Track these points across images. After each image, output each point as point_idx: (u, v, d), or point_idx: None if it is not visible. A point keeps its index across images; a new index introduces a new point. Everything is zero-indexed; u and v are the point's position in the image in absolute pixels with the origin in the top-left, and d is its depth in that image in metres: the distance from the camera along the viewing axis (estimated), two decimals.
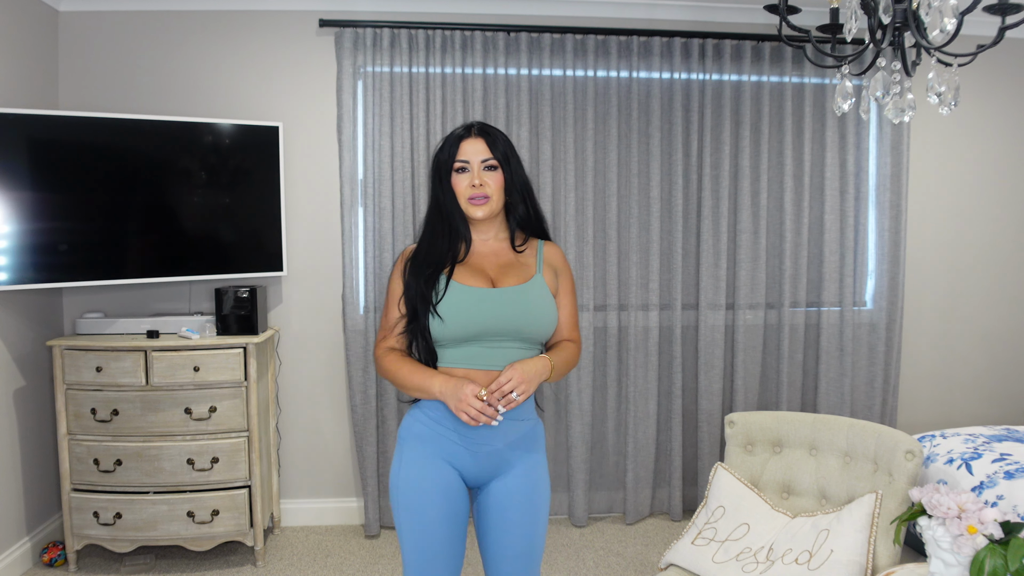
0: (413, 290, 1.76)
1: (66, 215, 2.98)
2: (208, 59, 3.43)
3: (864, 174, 3.65)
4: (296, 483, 3.61)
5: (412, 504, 1.75)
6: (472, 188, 1.76)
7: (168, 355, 3.01)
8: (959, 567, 1.72)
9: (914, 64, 2.22)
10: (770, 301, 3.68)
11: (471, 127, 1.80)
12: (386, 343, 1.83)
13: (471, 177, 1.76)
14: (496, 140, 1.79)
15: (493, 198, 1.77)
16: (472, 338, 1.73)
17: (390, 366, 1.79)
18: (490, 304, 1.74)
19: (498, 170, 1.78)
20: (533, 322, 1.76)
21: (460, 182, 1.78)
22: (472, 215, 1.78)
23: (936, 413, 3.94)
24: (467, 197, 1.77)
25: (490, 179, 1.77)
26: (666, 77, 3.52)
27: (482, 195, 1.76)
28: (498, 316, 1.73)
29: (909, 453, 2.10)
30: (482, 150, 1.77)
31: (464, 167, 1.77)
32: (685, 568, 2.24)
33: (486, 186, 1.76)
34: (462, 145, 1.78)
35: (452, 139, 1.80)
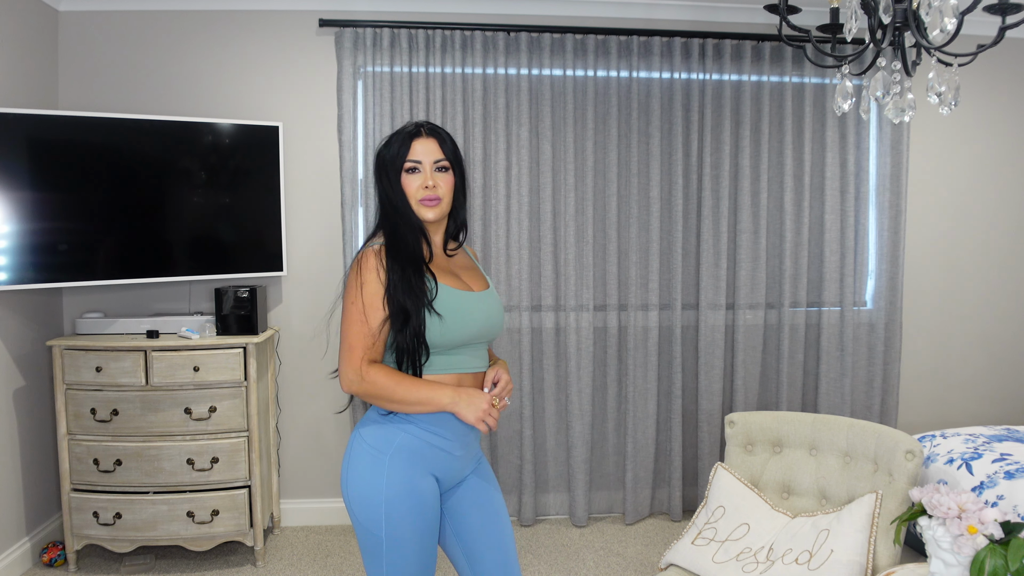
0: (402, 288, 1.61)
1: (66, 215, 2.98)
2: (208, 59, 3.43)
3: (864, 174, 3.65)
4: (296, 483, 3.61)
5: (398, 520, 1.63)
6: (424, 189, 1.69)
7: (168, 355, 3.01)
8: (959, 567, 1.72)
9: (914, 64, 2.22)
10: (770, 301, 3.68)
11: (421, 126, 1.73)
12: (366, 356, 1.64)
13: (423, 178, 1.69)
14: (446, 141, 1.74)
15: (444, 200, 1.72)
16: (465, 342, 1.70)
17: (384, 381, 1.62)
18: (483, 308, 1.74)
19: (449, 172, 1.73)
20: (502, 323, 1.83)
21: (411, 182, 1.70)
22: (424, 217, 1.71)
23: (935, 413, 3.94)
24: (418, 198, 1.69)
25: (442, 180, 1.71)
26: (666, 77, 3.52)
27: (434, 196, 1.70)
28: (488, 320, 1.74)
29: (909, 453, 2.10)
30: (434, 150, 1.71)
31: (415, 167, 1.70)
32: (685, 568, 2.24)
33: (438, 187, 1.70)
34: (413, 144, 1.70)
35: (402, 137, 1.72)
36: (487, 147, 3.47)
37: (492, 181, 3.48)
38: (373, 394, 1.64)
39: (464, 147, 3.44)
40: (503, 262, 3.48)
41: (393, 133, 1.76)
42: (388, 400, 1.64)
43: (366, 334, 1.63)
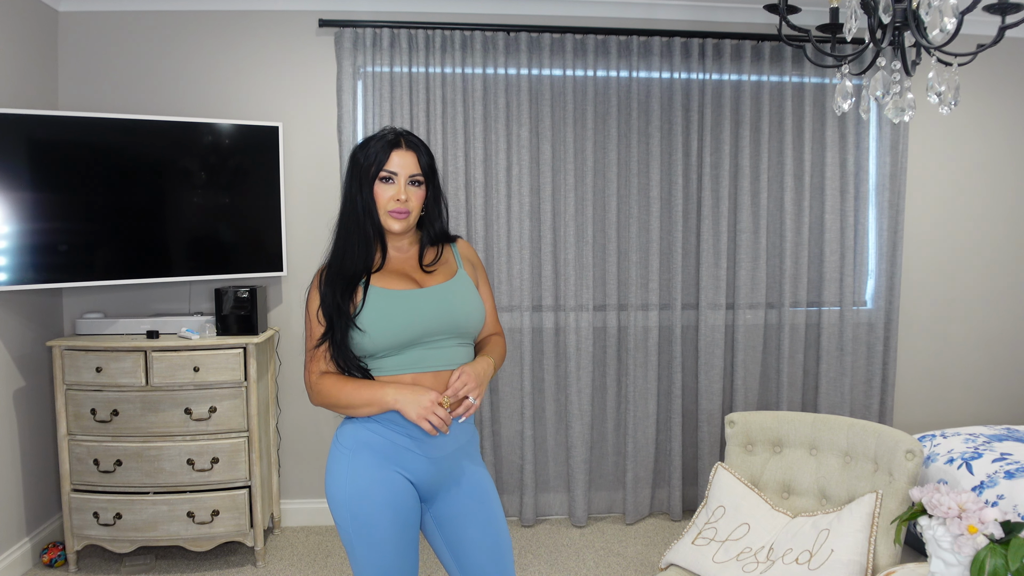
0: (329, 302, 1.67)
1: (66, 215, 2.98)
2: (208, 59, 3.43)
3: (864, 174, 3.65)
4: (296, 483, 3.61)
5: (363, 517, 1.64)
6: (396, 202, 1.70)
7: (168, 355, 3.01)
8: (959, 567, 1.72)
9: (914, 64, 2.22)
10: (770, 301, 3.68)
11: (401, 135, 1.74)
12: (317, 367, 1.72)
13: (396, 190, 1.70)
14: (424, 155, 1.75)
15: (413, 214, 1.74)
16: (410, 342, 1.67)
17: (329, 389, 1.68)
18: (422, 304, 1.69)
19: (422, 187, 1.75)
20: (469, 316, 1.74)
21: (383, 192, 1.71)
22: (390, 228, 1.72)
23: (935, 412, 3.94)
24: (388, 210, 1.71)
25: (414, 195, 1.73)
26: (666, 77, 3.52)
27: (404, 210, 1.71)
28: (434, 314, 1.69)
29: (909, 453, 2.10)
30: (411, 164, 1.72)
31: (390, 177, 1.71)
32: (685, 568, 2.24)
33: (409, 201, 1.72)
34: (392, 154, 1.71)
35: (382, 144, 1.72)
36: (487, 147, 3.47)
37: (492, 181, 3.48)
38: (326, 403, 1.71)
39: (464, 147, 3.44)
40: (504, 262, 3.48)
41: (371, 137, 1.76)
42: (338, 406, 1.69)
43: (312, 348, 1.73)
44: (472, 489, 1.77)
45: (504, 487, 3.61)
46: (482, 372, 1.72)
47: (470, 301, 1.76)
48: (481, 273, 1.90)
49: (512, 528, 3.56)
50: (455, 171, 3.44)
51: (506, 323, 3.52)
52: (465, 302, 1.75)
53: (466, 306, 1.75)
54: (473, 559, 1.74)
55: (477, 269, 1.88)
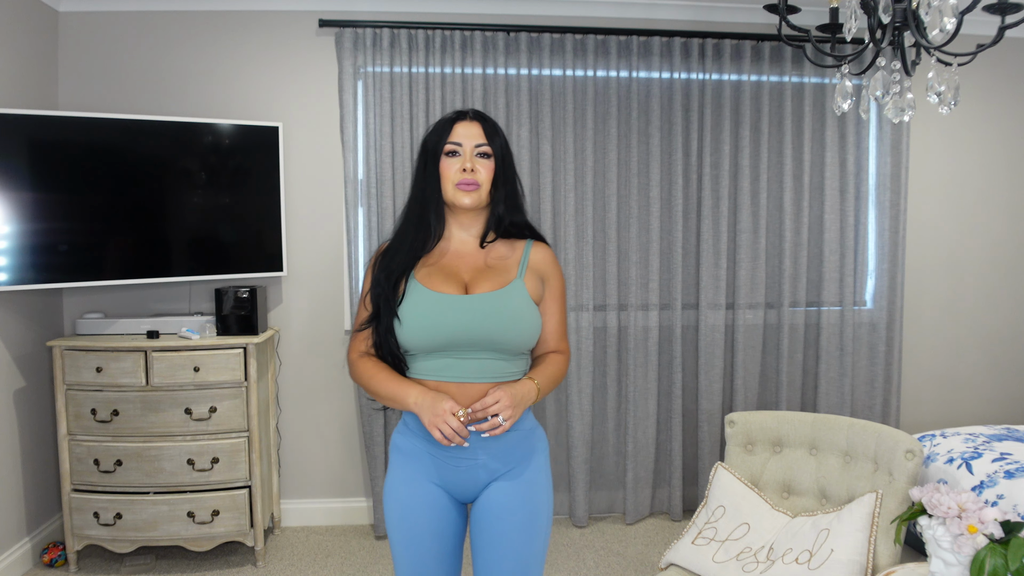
0: (380, 287, 1.64)
1: (66, 215, 2.98)
2: (208, 59, 3.43)
3: (864, 174, 3.65)
4: (296, 483, 3.61)
5: (400, 521, 1.65)
6: (462, 173, 1.61)
7: (168, 355, 3.01)
8: (959, 567, 1.72)
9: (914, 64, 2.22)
10: (770, 301, 3.68)
11: (467, 112, 1.67)
12: (357, 347, 1.71)
13: (462, 161, 1.62)
14: (493, 128, 1.66)
15: (483, 187, 1.63)
16: (441, 348, 1.59)
17: (363, 372, 1.67)
18: (460, 312, 1.58)
19: (491, 159, 1.64)
20: (509, 332, 1.60)
21: (449, 166, 1.63)
22: (459, 202, 1.63)
23: (936, 412, 3.94)
24: (455, 182, 1.62)
25: (482, 166, 1.63)
26: (666, 77, 3.52)
27: (472, 181, 1.61)
28: (470, 325, 1.58)
29: (909, 452, 2.10)
30: (477, 134, 1.63)
31: (455, 150, 1.63)
32: (686, 568, 2.24)
33: (477, 172, 1.62)
34: (456, 127, 1.64)
35: (444, 121, 1.66)
36: None
37: None
38: (360, 384, 1.70)
39: None
40: None
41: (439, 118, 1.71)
42: (368, 390, 1.68)
43: (355, 330, 1.72)
44: (507, 501, 1.64)
45: None
46: (521, 395, 1.59)
47: (519, 315, 1.61)
48: (553, 285, 1.72)
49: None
50: None
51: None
52: (511, 316, 1.60)
53: (511, 321, 1.60)
54: (485, 561, 1.67)
55: (548, 280, 1.71)
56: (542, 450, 1.71)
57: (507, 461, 1.65)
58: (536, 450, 1.69)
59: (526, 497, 1.64)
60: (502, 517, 1.63)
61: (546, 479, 1.69)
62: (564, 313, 1.75)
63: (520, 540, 1.63)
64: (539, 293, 1.69)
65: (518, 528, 1.63)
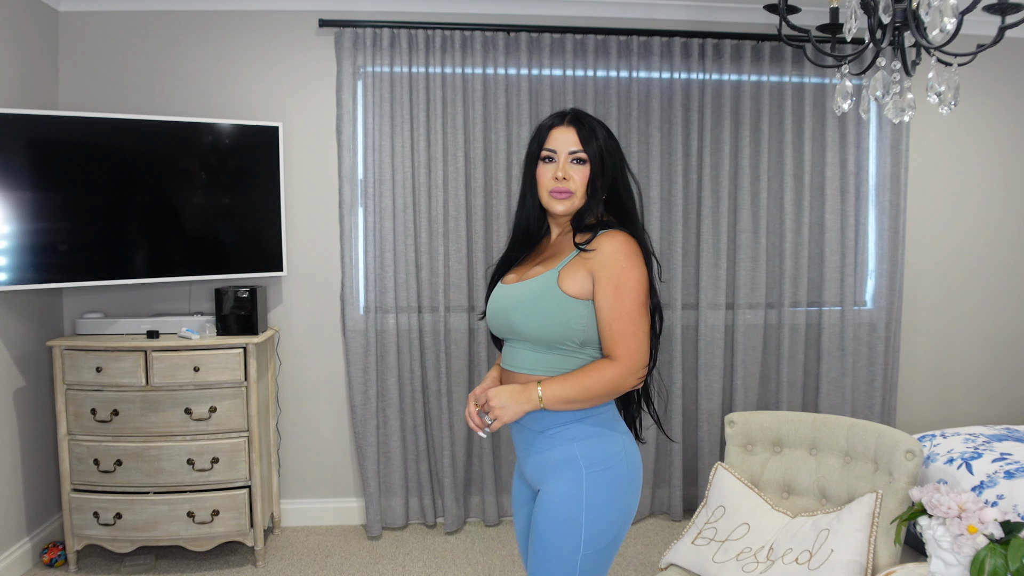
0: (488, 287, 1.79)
1: (66, 215, 2.98)
2: (208, 59, 3.43)
3: (864, 174, 3.65)
4: (296, 483, 3.61)
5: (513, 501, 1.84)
6: (555, 181, 1.61)
7: (168, 355, 3.01)
8: (959, 567, 1.72)
9: (914, 64, 2.22)
10: (770, 301, 3.68)
11: (565, 115, 1.65)
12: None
13: (555, 168, 1.61)
14: (590, 131, 1.61)
15: (577, 194, 1.61)
16: (500, 336, 1.72)
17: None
18: (500, 301, 1.68)
19: (587, 164, 1.61)
20: (524, 320, 1.58)
21: (545, 173, 1.63)
22: (552, 210, 1.63)
23: (936, 413, 3.94)
24: (549, 190, 1.62)
25: (576, 172, 1.60)
26: (666, 77, 3.52)
27: (564, 189, 1.60)
28: (500, 314, 1.66)
29: (909, 453, 2.10)
30: (572, 140, 1.60)
31: (551, 156, 1.62)
32: (685, 568, 2.24)
33: (570, 180, 1.60)
34: (552, 133, 1.63)
35: (543, 127, 1.66)
36: (487, 147, 3.47)
37: (493, 181, 3.48)
38: None
39: (464, 147, 3.44)
40: None
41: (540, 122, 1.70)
42: None
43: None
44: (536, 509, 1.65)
45: (505, 487, 3.61)
46: (513, 397, 1.55)
47: (534, 305, 1.58)
48: (602, 276, 1.55)
49: (512, 528, 3.56)
50: (455, 171, 3.44)
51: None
52: (525, 306, 1.59)
53: (524, 310, 1.59)
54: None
55: (599, 272, 1.55)
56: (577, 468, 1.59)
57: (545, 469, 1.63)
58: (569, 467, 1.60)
59: (545, 514, 1.61)
60: (534, 516, 1.66)
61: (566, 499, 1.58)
62: (622, 312, 1.53)
63: (540, 544, 1.61)
64: (585, 287, 1.56)
65: (541, 531, 1.61)
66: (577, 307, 1.56)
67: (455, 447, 3.52)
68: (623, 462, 1.62)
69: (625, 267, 1.54)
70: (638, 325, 1.55)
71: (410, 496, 3.58)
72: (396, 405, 3.48)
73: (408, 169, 3.42)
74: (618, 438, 1.65)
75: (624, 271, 1.54)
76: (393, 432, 3.49)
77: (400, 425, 3.50)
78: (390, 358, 3.46)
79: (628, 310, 1.53)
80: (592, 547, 1.58)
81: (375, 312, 3.45)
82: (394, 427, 3.48)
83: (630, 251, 1.55)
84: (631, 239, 1.57)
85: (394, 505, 3.53)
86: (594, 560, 1.59)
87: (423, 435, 3.54)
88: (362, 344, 3.44)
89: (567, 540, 1.57)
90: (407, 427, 3.52)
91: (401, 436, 3.51)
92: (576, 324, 1.56)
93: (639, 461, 1.68)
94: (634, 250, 1.56)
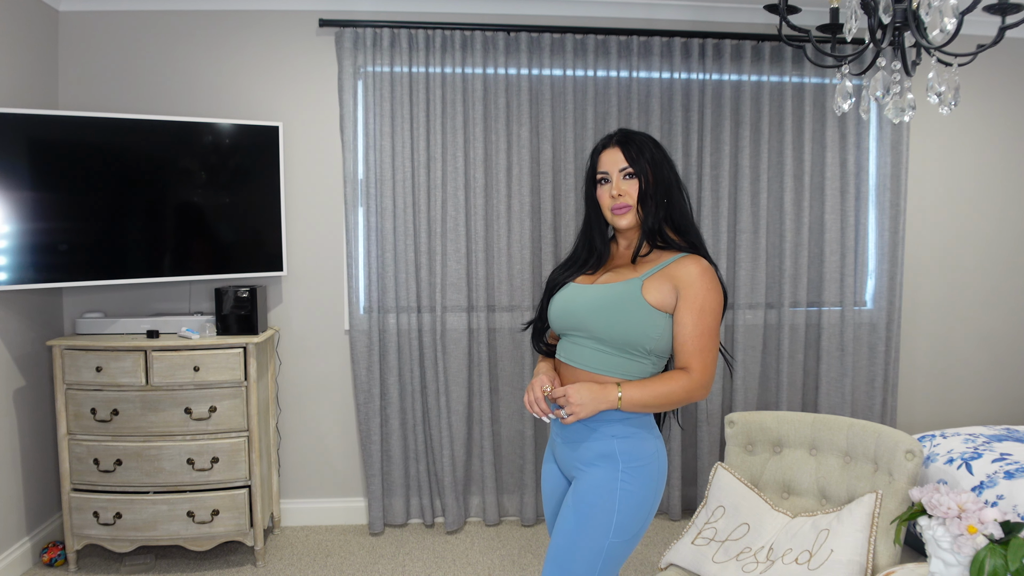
0: (546, 289, 1.87)
1: (66, 215, 2.98)
2: (208, 59, 3.43)
3: (864, 174, 3.65)
4: (296, 483, 3.61)
5: (543, 486, 1.91)
6: (611, 199, 1.76)
7: (168, 355, 3.01)
8: (959, 567, 1.72)
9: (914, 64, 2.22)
10: (770, 301, 3.68)
11: (612, 136, 1.79)
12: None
13: (611, 188, 1.76)
14: (636, 148, 1.74)
15: (635, 206, 1.75)
16: (563, 331, 1.78)
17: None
18: (570, 298, 1.77)
19: (635, 178, 1.75)
20: (601, 322, 1.68)
21: (603, 194, 1.78)
22: (617, 225, 1.78)
23: (936, 413, 3.94)
24: (610, 208, 1.77)
25: (631, 188, 1.74)
26: (666, 77, 3.52)
27: (623, 205, 1.74)
28: (569, 310, 1.75)
29: (909, 453, 2.10)
30: (619, 159, 1.75)
31: (605, 178, 1.78)
32: (685, 568, 2.24)
33: (626, 196, 1.74)
34: (601, 156, 1.79)
35: (593, 152, 1.82)
36: (488, 147, 3.47)
37: (493, 181, 3.48)
38: None
39: (464, 147, 3.44)
40: (504, 262, 3.48)
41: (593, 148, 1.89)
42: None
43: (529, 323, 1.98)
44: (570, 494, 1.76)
45: (504, 487, 3.61)
46: (589, 396, 1.64)
47: (619, 309, 1.68)
48: (690, 296, 1.66)
49: (512, 527, 3.56)
50: (455, 171, 3.44)
51: (506, 323, 3.52)
52: (608, 307, 1.69)
53: (606, 311, 1.69)
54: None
55: (684, 291, 1.67)
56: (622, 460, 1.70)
57: (584, 455, 1.74)
58: (611, 458, 1.70)
59: (580, 497, 1.71)
60: (570, 497, 1.74)
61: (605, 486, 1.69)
62: (703, 330, 1.66)
63: (575, 521, 1.70)
64: (667, 300, 1.68)
65: (577, 510, 1.70)
66: (656, 317, 1.68)
67: (455, 447, 3.52)
68: (655, 463, 1.74)
69: (710, 289, 1.68)
70: (713, 344, 1.69)
71: (410, 495, 3.58)
72: (396, 404, 3.48)
73: (408, 169, 3.42)
74: (653, 441, 1.76)
75: (709, 292, 1.68)
76: (394, 431, 3.49)
77: (400, 424, 3.50)
78: (390, 357, 3.47)
79: (708, 329, 1.67)
80: (620, 536, 1.69)
81: (377, 311, 3.45)
82: (395, 426, 3.49)
83: (714, 277, 1.71)
84: (712, 267, 1.72)
85: (395, 504, 3.54)
86: (618, 549, 1.70)
87: (422, 434, 3.54)
88: (365, 343, 3.45)
89: (600, 522, 1.68)
90: (407, 426, 3.53)
91: (402, 435, 3.51)
92: (653, 332, 1.68)
93: (666, 465, 1.79)
94: (715, 277, 1.72)
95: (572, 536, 1.69)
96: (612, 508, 1.67)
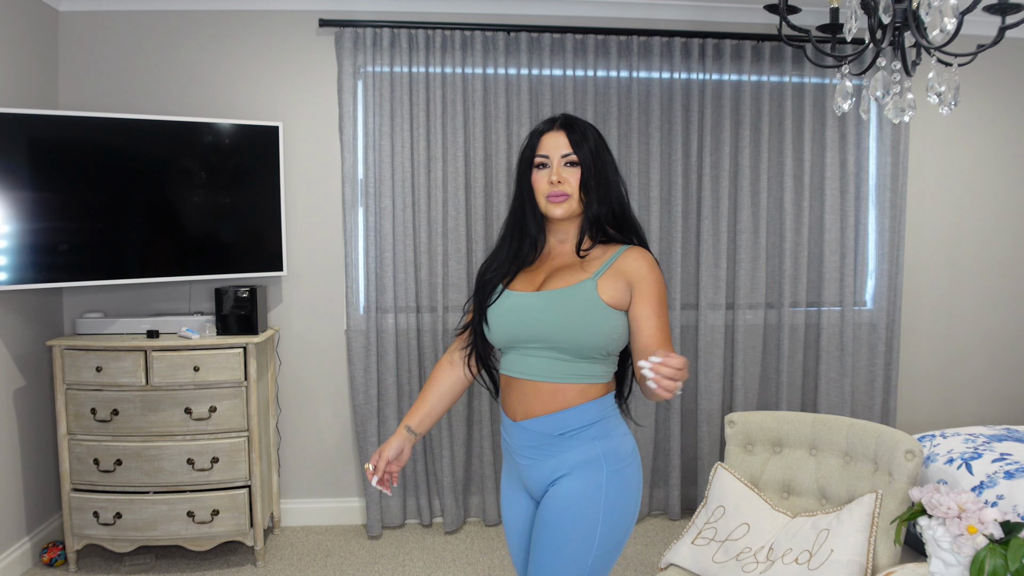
0: (476, 292, 1.73)
1: (66, 215, 2.98)
2: (208, 59, 3.43)
3: (864, 174, 3.65)
4: (296, 483, 3.61)
5: (502, 510, 1.80)
6: (551, 185, 1.63)
7: (168, 355, 3.01)
8: (959, 567, 1.72)
9: (914, 64, 2.22)
10: (770, 301, 3.68)
11: (555, 120, 1.68)
12: (453, 346, 1.83)
13: (550, 173, 1.64)
14: (580, 134, 1.64)
15: (573, 196, 1.63)
16: (511, 344, 1.65)
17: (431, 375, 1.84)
18: (523, 309, 1.62)
19: (579, 167, 1.64)
20: (565, 329, 1.57)
21: (539, 179, 1.65)
22: (551, 214, 1.65)
23: (936, 413, 3.94)
24: (545, 195, 1.64)
25: (571, 176, 1.63)
26: (666, 77, 3.52)
27: (561, 193, 1.62)
28: (527, 322, 1.61)
29: (909, 453, 2.10)
30: (563, 144, 1.63)
31: (544, 163, 1.65)
32: (685, 568, 2.24)
33: (565, 183, 1.62)
34: (543, 139, 1.66)
35: (534, 133, 1.69)
36: (488, 147, 3.47)
37: (493, 181, 3.48)
38: None
39: (464, 147, 3.44)
40: None
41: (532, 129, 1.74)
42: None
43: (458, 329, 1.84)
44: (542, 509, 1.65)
45: None
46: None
47: (578, 313, 1.57)
48: (644, 290, 1.60)
49: None
50: (455, 171, 3.44)
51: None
52: (568, 314, 1.58)
53: (567, 318, 1.57)
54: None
55: (638, 285, 1.60)
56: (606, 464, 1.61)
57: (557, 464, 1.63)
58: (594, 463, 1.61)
59: (559, 513, 1.60)
60: (544, 516, 1.63)
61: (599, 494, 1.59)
62: (664, 321, 1.60)
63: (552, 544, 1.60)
64: (622, 297, 1.60)
65: (554, 531, 1.60)
66: (613, 316, 1.59)
67: (454, 447, 3.52)
68: (634, 463, 1.67)
69: (660, 280, 1.64)
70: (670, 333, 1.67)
71: (408, 496, 3.58)
72: (395, 404, 3.48)
73: (408, 169, 3.42)
74: (628, 438, 1.69)
75: (660, 283, 1.63)
76: (392, 432, 3.49)
77: (398, 424, 3.49)
78: (389, 358, 3.46)
79: (666, 320, 1.62)
80: (604, 547, 1.59)
81: (376, 312, 3.45)
82: (393, 427, 3.48)
83: (659, 267, 1.67)
84: (655, 258, 1.68)
85: (393, 504, 3.53)
86: (603, 560, 1.60)
87: None
88: (363, 344, 3.45)
89: (581, 540, 1.58)
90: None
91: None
92: (613, 333, 1.60)
93: (641, 466, 1.73)
94: (659, 267, 1.68)
95: (552, 558, 1.58)
96: (597, 520, 1.58)
